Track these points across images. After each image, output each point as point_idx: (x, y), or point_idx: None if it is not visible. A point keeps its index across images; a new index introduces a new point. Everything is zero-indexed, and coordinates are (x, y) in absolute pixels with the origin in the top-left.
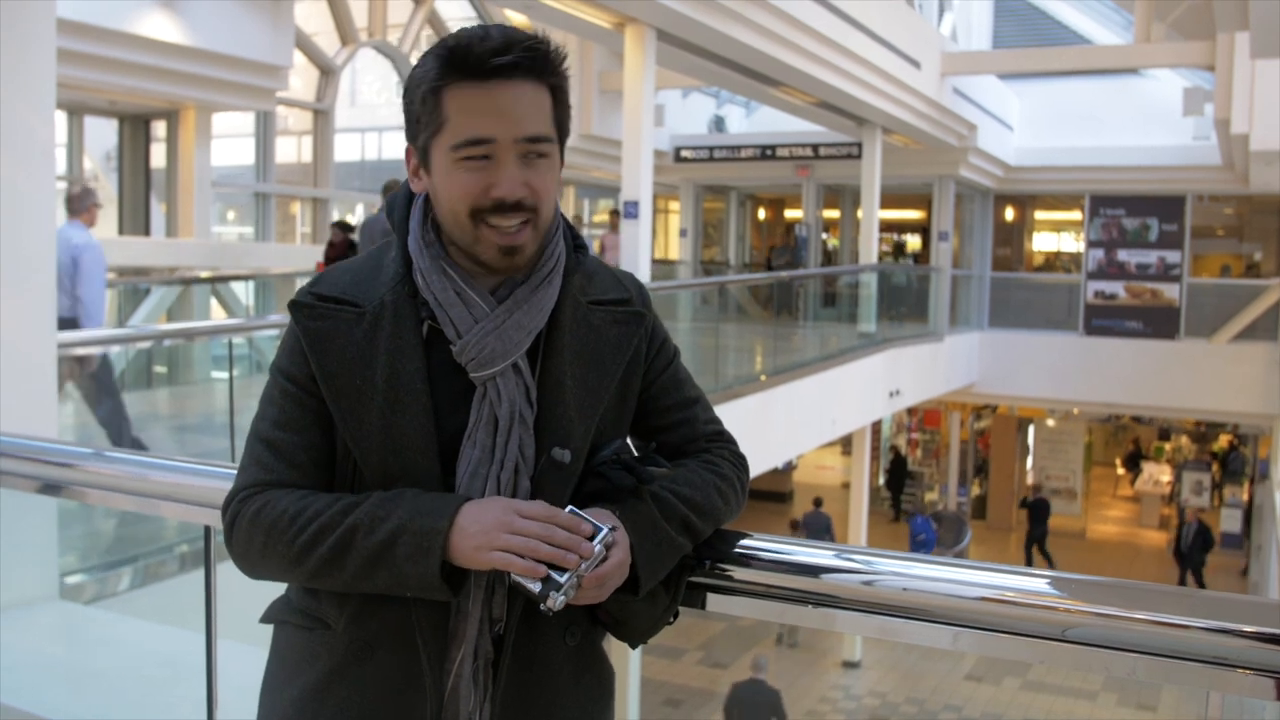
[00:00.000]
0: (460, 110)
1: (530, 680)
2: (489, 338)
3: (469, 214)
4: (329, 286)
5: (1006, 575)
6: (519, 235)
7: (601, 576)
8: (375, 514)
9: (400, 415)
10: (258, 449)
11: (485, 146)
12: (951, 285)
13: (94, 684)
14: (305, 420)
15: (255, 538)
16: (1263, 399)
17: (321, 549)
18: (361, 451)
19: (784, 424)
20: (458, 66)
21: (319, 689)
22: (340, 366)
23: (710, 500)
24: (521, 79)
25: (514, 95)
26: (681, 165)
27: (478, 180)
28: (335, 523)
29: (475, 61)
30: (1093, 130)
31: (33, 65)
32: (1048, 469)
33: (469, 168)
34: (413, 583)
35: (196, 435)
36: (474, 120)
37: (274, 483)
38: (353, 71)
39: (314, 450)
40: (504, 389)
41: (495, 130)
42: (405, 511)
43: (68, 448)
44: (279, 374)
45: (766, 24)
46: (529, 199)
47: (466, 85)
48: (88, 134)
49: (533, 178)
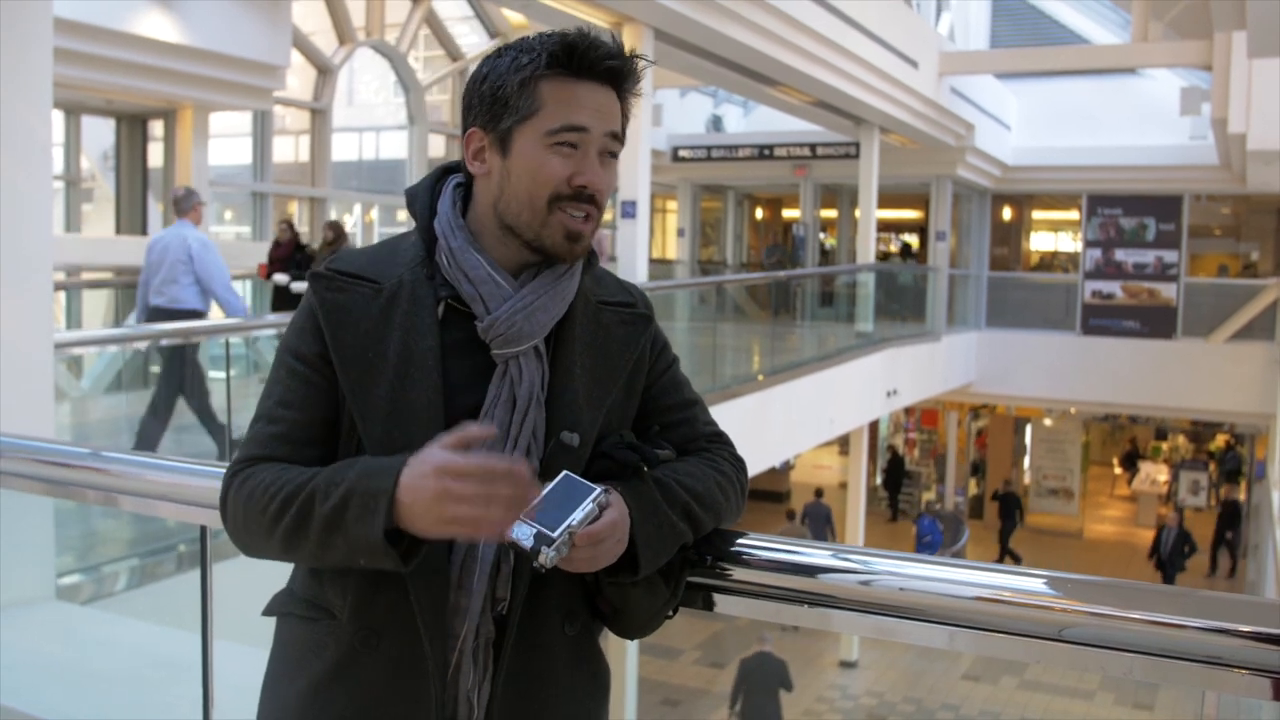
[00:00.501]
0: (561, 100)
1: (529, 664)
2: (518, 315)
3: (549, 198)
4: (347, 264)
5: (1003, 575)
6: (586, 224)
7: (595, 534)
8: (332, 479)
9: (409, 390)
10: (258, 426)
11: (578, 134)
12: (949, 285)
13: (90, 684)
14: (310, 398)
15: (238, 510)
16: (1259, 398)
17: (287, 518)
18: (366, 424)
19: (782, 423)
20: (566, 62)
21: (327, 681)
22: (354, 338)
23: (711, 492)
24: (608, 84)
25: (607, 97)
26: (679, 165)
27: (566, 166)
28: (298, 491)
29: (590, 61)
30: (1090, 130)
31: (31, 64)
32: (1045, 468)
33: (561, 153)
34: (361, 546)
35: (193, 435)
36: (575, 110)
37: (266, 457)
38: (350, 71)
39: (313, 427)
40: (525, 369)
41: (591, 122)
42: (355, 473)
43: (65, 447)
44: (286, 353)
45: (764, 23)
46: (600, 194)
47: (568, 79)
48: (85, 133)
49: (605, 175)
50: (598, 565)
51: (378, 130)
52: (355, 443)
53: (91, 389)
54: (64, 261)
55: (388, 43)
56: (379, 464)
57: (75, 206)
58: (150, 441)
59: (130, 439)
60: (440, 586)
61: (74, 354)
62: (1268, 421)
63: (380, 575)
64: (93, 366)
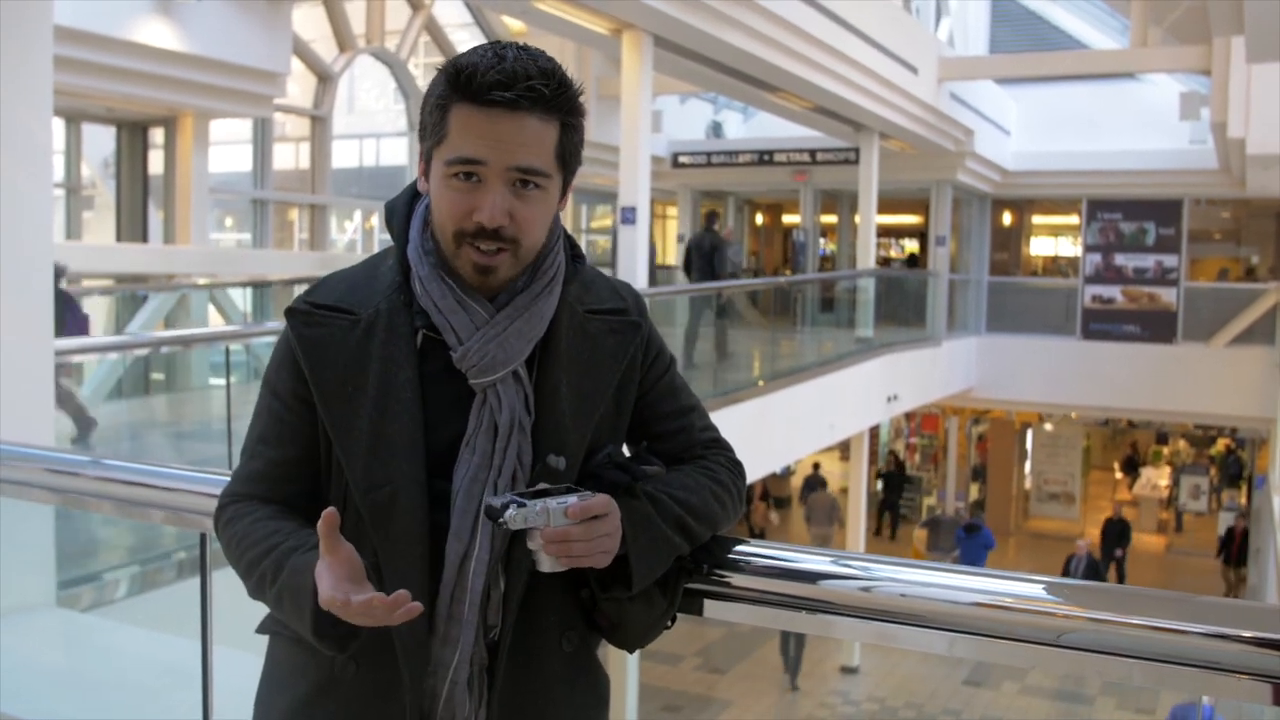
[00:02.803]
0: (460, 129)
1: (526, 684)
2: (490, 345)
3: (454, 233)
4: (325, 294)
5: (1002, 581)
6: (495, 258)
7: (589, 508)
8: (278, 564)
9: (390, 423)
10: (243, 459)
11: (475, 167)
12: (949, 290)
13: (90, 691)
14: (284, 437)
15: (221, 546)
16: (1260, 403)
17: (250, 582)
18: (348, 458)
19: (782, 429)
20: (461, 87)
21: (309, 701)
22: (333, 373)
23: (706, 504)
24: (527, 111)
25: (515, 125)
26: (679, 170)
27: (464, 200)
28: (255, 564)
29: (476, 88)
30: (1090, 135)
31: (31, 70)
32: (1046, 473)
33: (456, 186)
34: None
35: (193, 442)
36: (469, 141)
37: (247, 495)
38: (350, 78)
39: (287, 466)
40: (504, 396)
41: (488, 154)
42: (286, 573)
43: (65, 455)
44: (266, 388)
45: (764, 30)
46: (508, 229)
47: (469, 106)
48: (86, 141)
49: (520, 208)
50: (594, 555)
51: (378, 137)
52: (339, 472)
53: (92, 396)
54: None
55: (388, 49)
56: (303, 563)
57: (76, 214)
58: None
59: (132, 446)
60: (420, 619)
61: (74, 361)
62: (1268, 426)
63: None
64: (93, 374)
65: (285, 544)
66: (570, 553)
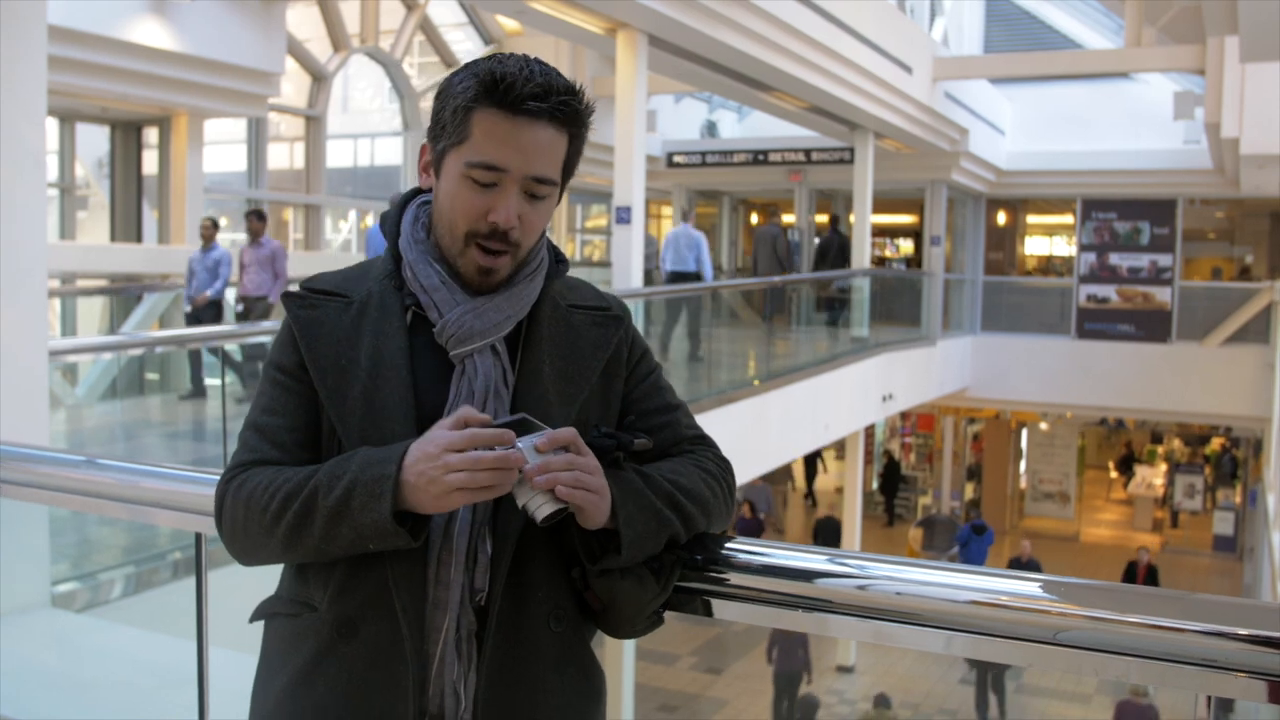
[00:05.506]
0: (485, 134)
1: (514, 658)
2: (468, 316)
3: (465, 233)
4: (321, 283)
5: (999, 579)
6: (498, 260)
7: (554, 438)
8: (333, 473)
9: (382, 389)
10: (246, 434)
11: (496, 174)
12: (944, 289)
13: (85, 691)
14: (291, 404)
15: (237, 513)
16: (1254, 401)
17: (289, 515)
18: (343, 426)
19: (777, 429)
20: (494, 95)
21: (307, 672)
22: (328, 347)
23: (697, 486)
24: (547, 122)
25: (536, 135)
26: (674, 170)
27: (481, 202)
28: (299, 488)
29: (513, 98)
30: (1084, 134)
31: (25, 71)
32: (1041, 472)
33: (475, 189)
34: (370, 531)
35: (189, 442)
36: (495, 147)
37: (258, 461)
38: (345, 78)
39: (299, 432)
40: (480, 366)
41: (510, 162)
42: (357, 465)
43: (60, 455)
44: (270, 366)
45: (758, 29)
46: (516, 233)
47: (497, 113)
48: (79, 141)
49: (528, 213)
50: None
51: (372, 137)
52: (336, 445)
53: (86, 396)
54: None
55: (382, 49)
56: (380, 453)
57: (70, 214)
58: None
59: (125, 446)
60: (419, 578)
61: (68, 361)
62: (1262, 425)
63: (361, 569)
64: (87, 374)
65: (334, 461)
66: (556, 481)
